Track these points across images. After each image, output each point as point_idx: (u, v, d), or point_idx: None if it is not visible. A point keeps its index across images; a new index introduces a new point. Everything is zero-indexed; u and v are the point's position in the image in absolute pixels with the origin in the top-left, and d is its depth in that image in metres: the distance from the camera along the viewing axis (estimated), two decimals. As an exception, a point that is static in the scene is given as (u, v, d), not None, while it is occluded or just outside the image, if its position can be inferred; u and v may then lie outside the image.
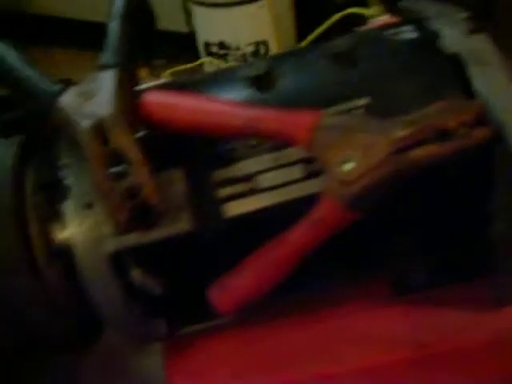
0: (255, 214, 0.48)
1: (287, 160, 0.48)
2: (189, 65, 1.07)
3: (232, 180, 0.48)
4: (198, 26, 1.24)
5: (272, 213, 0.48)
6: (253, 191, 0.48)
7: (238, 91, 0.51)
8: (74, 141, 0.47)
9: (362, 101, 0.49)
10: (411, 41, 0.52)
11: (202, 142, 0.49)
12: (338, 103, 0.49)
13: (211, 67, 1.22)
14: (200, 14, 1.23)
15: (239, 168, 0.48)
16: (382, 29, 0.54)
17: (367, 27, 0.61)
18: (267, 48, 1.20)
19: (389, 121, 0.44)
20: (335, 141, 0.44)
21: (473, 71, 0.48)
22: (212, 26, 1.22)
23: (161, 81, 0.61)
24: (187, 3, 1.26)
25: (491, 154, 0.45)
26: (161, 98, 0.48)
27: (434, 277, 0.57)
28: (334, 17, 0.90)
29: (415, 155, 0.43)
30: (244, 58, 1.20)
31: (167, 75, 0.96)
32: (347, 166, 0.43)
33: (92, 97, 0.47)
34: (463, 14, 0.52)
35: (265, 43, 1.19)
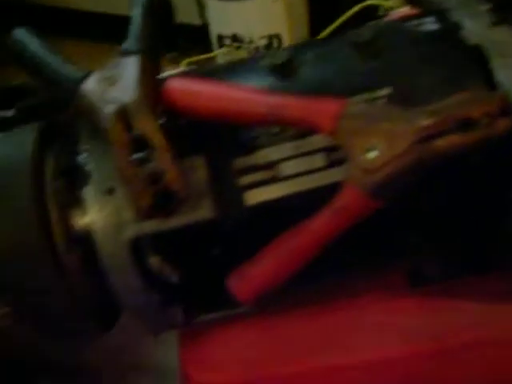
0: (277, 202, 0.48)
1: (309, 148, 0.48)
2: (204, 55, 1.07)
3: (254, 168, 0.48)
4: (211, 19, 1.24)
5: (293, 201, 0.48)
6: (274, 179, 0.48)
7: (260, 80, 0.51)
8: (96, 127, 0.47)
9: (384, 91, 0.49)
10: (433, 32, 0.52)
11: (224, 130, 0.49)
12: (360, 93, 0.49)
13: (225, 59, 1.21)
14: (213, 7, 1.23)
15: (261, 156, 0.48)
16: (403, 20, 0.54)
17: (388, 18, 0.61)
18: (280, 41, 1.20)
19: (412, 110, 0.44)
20: (359, 129, 0.44)
21: (495, 63, 0.48)
22: (225, 19, 1.22)
23: (179, 70, 0.61)
24: (200, -5, 1.27)
25: None
26: (184, 85, 0.48)
27: (449, 269, 0.57)
28: (353, 9, 0.90)
29: (438, 145, 0.43)
30: (257, 51, 1.20)
31: (184, 65, 0.96)
32: (371, 155, 0.43)
33: (115, 83, 0.47)
34: (485, 6, 0.52)
35: (278, 36, 1.19)
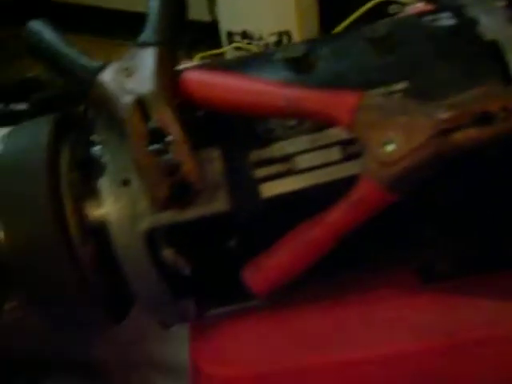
0: (292, 195, 0.48)
1: (325, 141, 0.48)
2: (217, 50, 1.07)
3: (270, 160, 0.48)
4: (221, 15, 1.24)
5: (309, 194, 0.48)
6: (290, 172, 0.48)
7: (275, 74, 0.51)
8: (113, 117, 0.47)
9: (400, 85, 0.49)
10: (449, 27, 0.52)
11: (240, 122, 0.49)
12: (376, 87, 0.49)
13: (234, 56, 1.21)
14: (223, 3, 1.22)
15: (277, 148, 0.48)
16: (419, 15, 0.54)
17: (403, 14, 0.61)
18: (290, 38, 1.19)
19: (430, 104, 0.44)
20: (376, 122, 0.44)
21: (511, 58, 0.48)
22: (235, 15, 1.21)
23: (193, 63, 0.61)
24: (210, -9, 1.26)
25: None
26: (201, 77, 0.48)
27: (463, 265, 0.57)
28: (367, 5, 0.90)
29: (456, 138, 0.42)
30: (267, 48, 1.20)
31: (198, 59, 0.96)
32: (388, 148, 0.43)
33: (132, 74, 0.47)
34: (501, 2, 0.52)
35: (288, 33, 1.19)
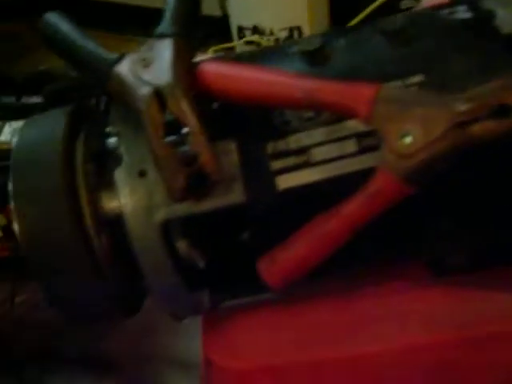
0: (308, 188, 0.48)
1: (342, 134, 0.48)
2: (230, 43, 1.07)
3: (285, 152, 0.48)
4: (232, 10, 1.24)
5: (325, 186, 0.48)
6: (306, 164, 0.48)
7: (291, 66, 0.51)
8: (130, 108, 0.47)
9: (417, 78, 0.49)
10: (465, 20, 0.52)
11: (257, 114, 0.49)
12: (392, 80, 0.49)
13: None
14: (235, -2, 1.23)
15: (293, 140, 0.48)
16: (435, 8, 0.54)
17: (419, 7, 0.61)
18: (301, 33, 1.20)
19: (448, 96, 0.44)
20: (394, 114, 0.43)
21: None
22: (246, 10, 1.21)
23: (208, 56, 0.61)
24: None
25: None
26: (219, 68, 0.48)
27: (476, 259, 0.57)
28: (379, 0, 0.89)
29: (473, 131, 0.42)
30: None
31: (211, 52, 0.96)
32: (405, 140, 0.43)
33: (149, 65, 0.47)
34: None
35: (299, 29, 1.19)
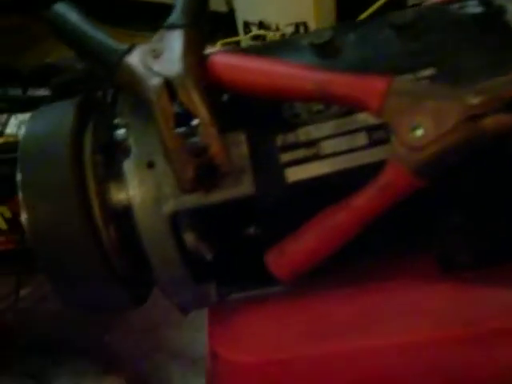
0: (317, 180, 0.48)
1: (351, 127, 0.48)
2: (237, 37, 1.06)
3: (295, 145, 0.48)
4: (238, 6, 1.24)
5: (334, 179, 0.48)
6: (316, 157, 0.48)
7: (302, 59, 0.51)
8: (139, 99, 0.47)
9: (427, 72, 0.49)
10: (476, 15, 0.51)
11: (267, 106, 0.49)
12: (403, 73, 0.48)
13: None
14: (240, -7, 1.23)
15: (303, 133, 0.48)
16: (446, 3, 0.54)
17: (429, 2, 0.60)
18: (307, 29, 1.19)
19: (459, 89, 0.44)
20: (405, 107, 0.43)
21: None
22: (252, 6, 1.21)
23: (216, 49, 0.61)
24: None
25: None
26: (229, 60, 0.48)
27: (484, 256, 0.56)
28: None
29: (486, 124, 0.42)
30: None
31: (219, 46, 0.95)
32: (417, 133, 0.43)
33: (160, 55, 0.47)
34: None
35: (304, 24, 1.19)
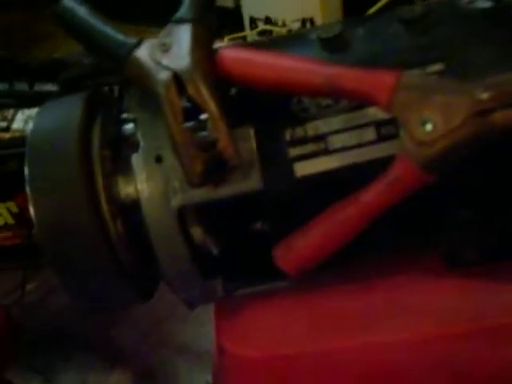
0: (325, 175, 0.48)
1: (360, 121, 0.48)
2: (244, 32, 1.06)
3: (304, 140, 0.48)
4: (244, 1, 1.23)
5: (342, 174, 0.48)
6: (324, 152, 0.48)
7: (310, 53, 0.51)
8: (147, 93, 0.47)
9: (436, 67, 0.48)
10: (485, 9, 0.51)
11: (275, 101, 0.49)
12: (412, 68, 0.48)
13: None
14: (247, -11, 1.22)
15: (311, 128, 0.48)
16: None
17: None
18: (313, 25, 1.19)
19: (468, 84, 0.43)
20: (415, 102, 0.43)
21: None
22: (258, 1, 1.21)
23: (225, 44, 0.61)
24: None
25: None
26: (238, 54, 0.48)
27: (489, 252, 0.56)
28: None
29: (495, 119, 0.42)
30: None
31: (226, 41, 0.95)
32: (426, 128, 0.43)
33: (168, 50, 0.47)
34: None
35: (311, 20, 1.18)
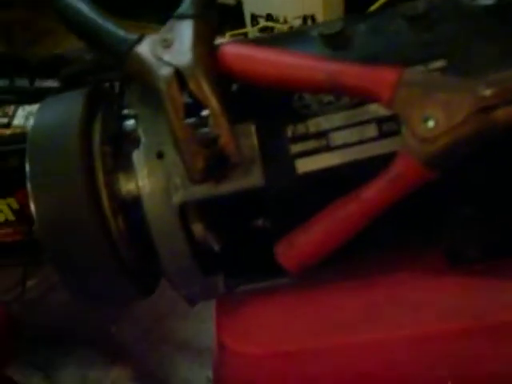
0: (327, 172, 0.48)
1: (361, 118, 0.48)
2: (246, 29, 1.06)
3: (305, 136, 0.48)
4: (246, -2, 1.24)
5: (344, 171, 0.47)
6: (326, 148, 0.48)
7: (312, 49, 0.51)
8: (149, 89, 0.47)
9: (438, 63, 0.48)
10: (488, 6, 0.51)
11: (276, 97, 0.49)
12: (414, 65, 0.48)
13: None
14: (248, -14, 1.22)
15: (313, 124, 0.48)
16: None
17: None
18: (314, 22, 1.19)
19: (470, 81, 0.43)
20: (417, 98, 0.43)
21: None
22: (260, -2, 1.21)
23: (227, 40, 0.61)
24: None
25: None
26: (240, 50, 0.47)
27: (491, 249, 0.56)
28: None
29: (497, 116, 0.42)
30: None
31: (228, 37, 0.95)
32: (428, 124, 0.43)
33: (170, 45, 0.47)
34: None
35: (312, 17, 1.18)
